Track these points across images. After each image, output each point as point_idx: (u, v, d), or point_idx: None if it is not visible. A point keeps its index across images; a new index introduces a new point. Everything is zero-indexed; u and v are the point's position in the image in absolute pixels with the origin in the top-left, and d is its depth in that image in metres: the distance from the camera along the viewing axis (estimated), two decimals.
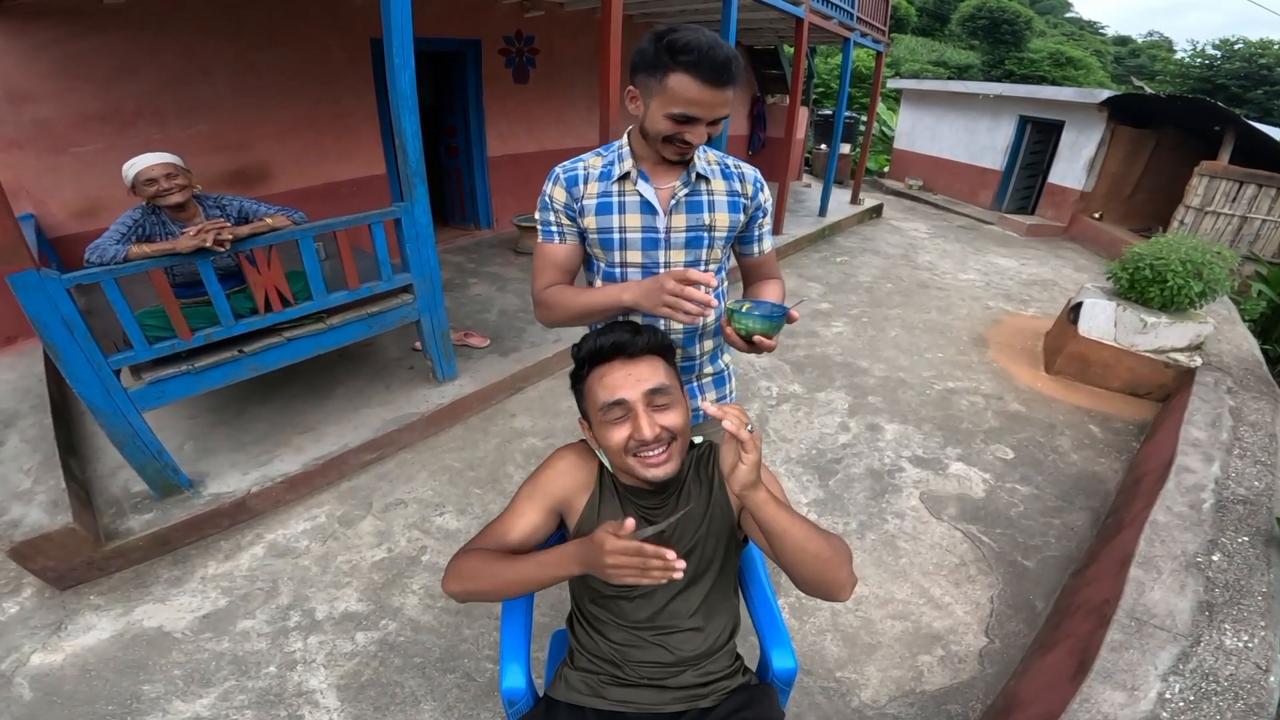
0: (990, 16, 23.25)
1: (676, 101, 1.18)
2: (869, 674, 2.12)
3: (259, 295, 2.61)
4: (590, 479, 1.27)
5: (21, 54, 3.50)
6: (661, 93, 1.19)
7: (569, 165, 1.40)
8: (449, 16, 5.35)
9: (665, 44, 1.15)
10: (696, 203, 1.37)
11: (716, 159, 1.42)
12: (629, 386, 1.12)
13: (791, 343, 4.62)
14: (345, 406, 3.28)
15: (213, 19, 4.11)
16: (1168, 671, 1.67)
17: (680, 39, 1.14)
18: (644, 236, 1.37)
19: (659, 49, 1.16)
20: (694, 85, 1.16)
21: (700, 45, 1.12)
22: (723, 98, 1.19)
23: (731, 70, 1.16)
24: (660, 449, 1.13)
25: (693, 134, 1.23)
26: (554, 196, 1.38)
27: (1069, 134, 9.24)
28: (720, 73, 1.15)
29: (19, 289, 1.95)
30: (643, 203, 1.35)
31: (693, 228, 1.37)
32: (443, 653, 2.13)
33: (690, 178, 1.35)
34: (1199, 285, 3.85)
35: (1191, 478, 2.60)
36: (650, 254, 1.38)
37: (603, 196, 1.36)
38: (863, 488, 3.05)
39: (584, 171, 1.38)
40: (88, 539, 2.31)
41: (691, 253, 1.40)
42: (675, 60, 1.15)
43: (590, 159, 1.40)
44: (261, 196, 4.48)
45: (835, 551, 1.07)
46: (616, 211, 1.36)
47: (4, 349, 3.68)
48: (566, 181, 1.37)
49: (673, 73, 1.16)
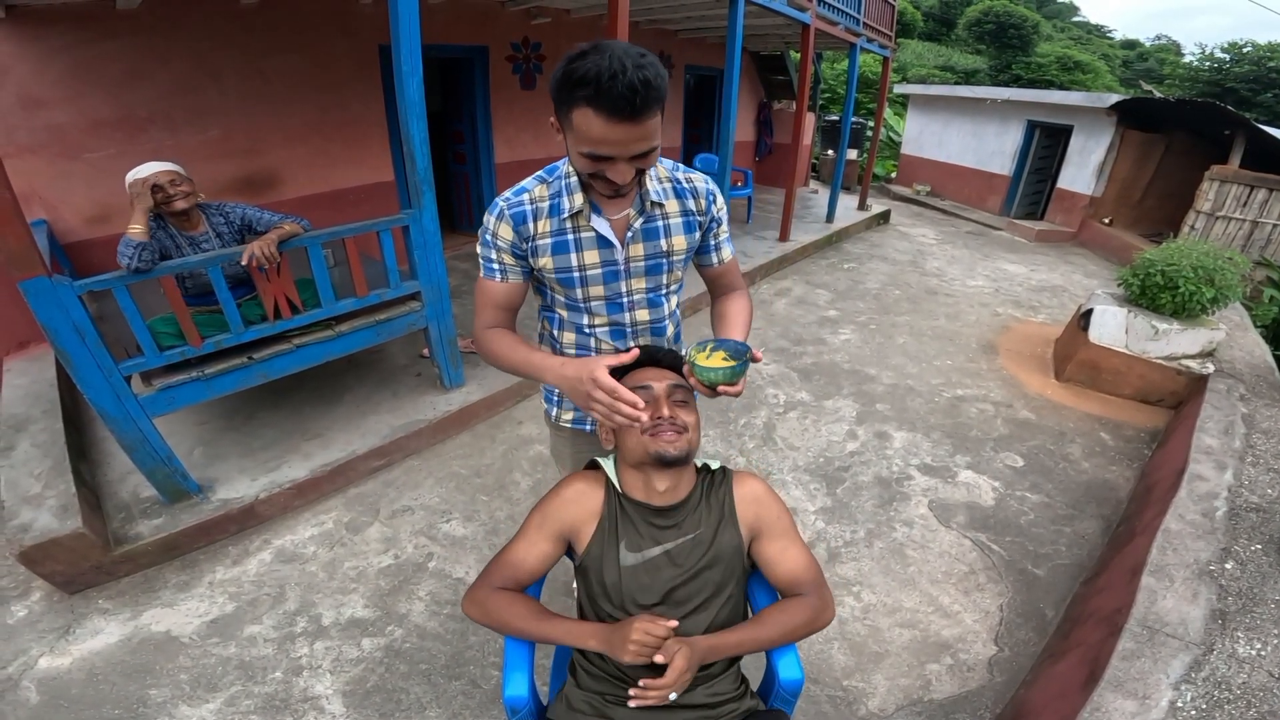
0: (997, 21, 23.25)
1: (584, 140, 1.06)
2: (876, 682, 2.10)
3: (268, 303, 2.63)
4: (598, 506, 1.29)
5: (35, 60, 3.52)
6: (571, 129, 1.07)
7: (512, 199, 1.29)
8: (456, 23, 5.38)
9: (564, 73, 1.02)
10: (653, 229, 1.32)
11: (668, 175, 1.34)
12: (655, 379, 1.25)
13: (799, 350, 4.61)
14: (353, 413, 3.29)
15: (223, 25, 4.14)
16: (1179, 680, 1.66)
17: (579, 68, 0.99)
18: (604, 270, 1.33)
19: (560, 79, 1.03)
20: (598, 121, 1.02)
21: (600, 74, 0.97)
22: (636, 132, 1.05)
23: (636, 102, 0.99)
24: (674, 431, 1.21)
25: (614, 172, 1.10)
26: (498, 234, 1.29)
27: (1078, 138, 9.20)
28: (624, 105, 0.99)
29: (31, 295, 1.97)
30: (599, 238, 1.29)
31: (651, 255, 1.34)
32: (448, 659, 2.13)
33: (645, 205, 1.29)
34: (1211, 291, 3.82)
35: (1204, 485, 2.58)
36: (612, 286, 1.35)
37: (556, 235, 1.29)
38: (870, 496, 3.03)
39: (531, 207, 1.28)
40: (97, 544, 2.32)
41: (652, 279, 1.38)
42: (574, 94, 1.02)
43: (534, 188, 1.29)
44: (271, 203, 4.53)
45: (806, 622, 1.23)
46: (574, 250, 1.30)
47: (16, 354, 3.71)
48: (514, 219, 1.28)
49: (575, 108, 1.03)
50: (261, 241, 2.50)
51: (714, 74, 8.96)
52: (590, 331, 1.42)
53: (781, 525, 1.31)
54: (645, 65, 1.00)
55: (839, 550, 2.68)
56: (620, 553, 1.24)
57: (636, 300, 1.39)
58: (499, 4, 5.64)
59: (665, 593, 1.23)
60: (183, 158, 3.93)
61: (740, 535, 1.28)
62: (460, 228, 6.80)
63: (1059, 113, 9.42)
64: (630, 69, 0.98)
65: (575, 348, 1.46)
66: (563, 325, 1.45)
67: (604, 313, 1.39)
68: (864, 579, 2.53)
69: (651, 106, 1.03)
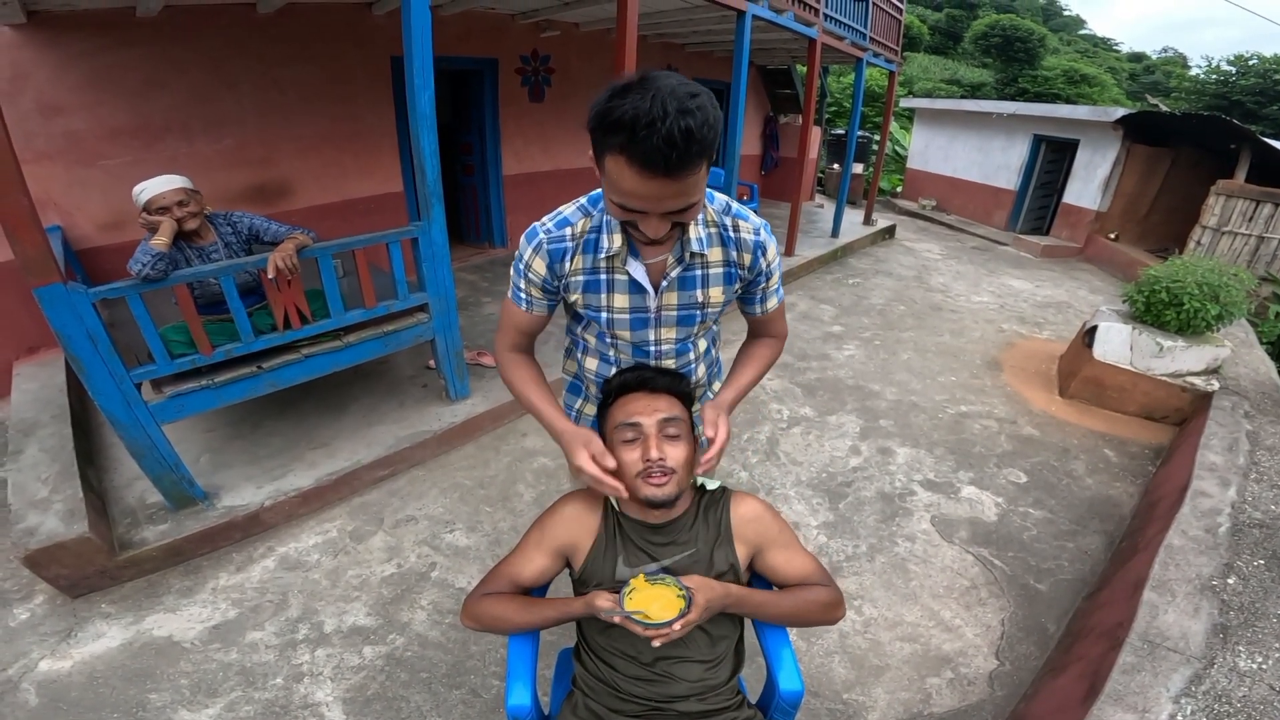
0: (1003, 34, 23.32)
1: (614, 189, 0.98)
2: (876, 696, 2.10)
3: (278, 313, 2.66)
4: (595, 524, 1.30)
5: (54, 66, 3.57)
6: (604, 173, 0.99)
7: (554, 232, 1.22)
8: (467, 36, 5.45)
9: (600, 111, 0.92)
10: (690, 278, 1.25)
11: (716, 219, 1.23)
12: (645, 413, 1.20)
13: (803, 365, 4.62)
14: (359, 423, 3.31)
15: (240, 34, 4.18)
16: (1180, 693, 1.66)
17: (616, 109, 0.88)
18: (633, 317, 1.28)
19: (596, 118, 0.93)
20: (629, 173, 0.92)
21: (638, 120, 0.86)
22: (672, 188, 0.94)
23: (673, 158, 0.89)
24: (663, 475, 1.19)
25: (646, 225, 1.03)
26: (532, 266, 1.24)
27: (1084, 153, 9.20)
28: (658, 160, 0.89)
29: (45, 302, 2.00)
30: (631, 283, 1.24)
31: (684, 305, 1.28)
32: (449, 668, 2.14)
33: (685, 255, 1.21)
34: (1216, 308, 3.82)
35: (1207, 502, 2.57)
36: (640, 333, 1.31)
37: (589, 274, 1.24)
38: (873, 511, 3.03)
39: (571, 244, 1.22)
40: (102, 548, 2.34)
41: (683, 330, 1.33)
42: (607, 139, 0.92)
43: (578, 221, 1.22)
44: (282, 212, 4.58)
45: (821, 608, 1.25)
46: (605, 290, 1.25)
47: (26, 358, 3.75)
48: (550, 254, 1.22)
49: (608, 154, 0.94)
50: (281, 253, 2.54)
51: (721, 87, 9.00)
52: (616, 360, 1.41)
53: (784, 538, 1.32)
54: (692, 110, 0.88)
55: (840, 564, 2.68)
56: (617, 568, 1.26)
57: (664, 351, 1.36)
58: (509, 17, 5.71)
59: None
60: (197, 166, 4.01)
61: (737, 554, 1.28)
62: (468, 239, 6.85)
63: (1065, 127, 9.44)
64: (672, 115, 0.86)
65: (597, 380, 1.46)
66: (588, 350, 1.45)
67: (630, 354, 1.37)
68: (865, 593, 2.53)
69: (693, 162, 0.92)
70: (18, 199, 1.87)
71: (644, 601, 1.13)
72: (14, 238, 1.89)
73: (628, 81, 0.91)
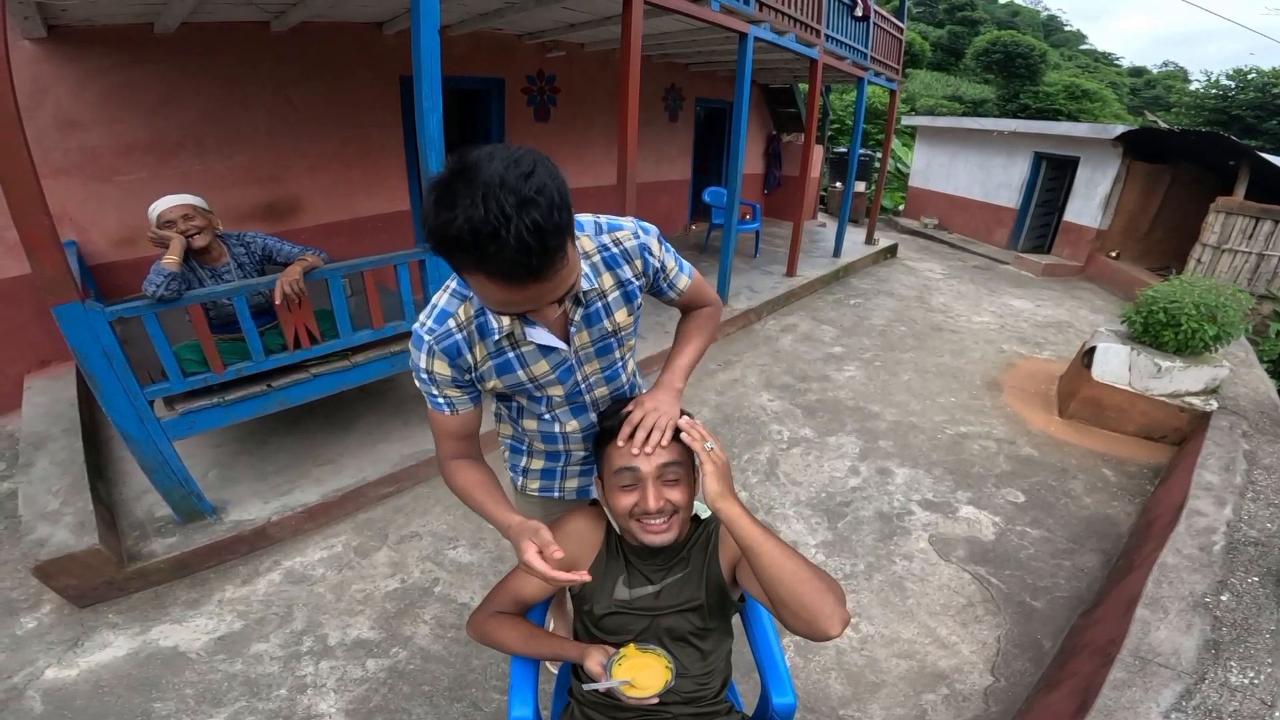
0: (1005, 51, 23.42)
1: (487, 300, 0.93)
2: (872, 712, 2.12)
3: (289, 333, 2.71)
4: (597, 542, 1.34)
5: (73, 81, 3.63)
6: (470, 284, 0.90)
7: (438, 330, 1.12)
8: (474, 56, 5.54)
9: (431, 234, 0.81)
10: (594, 313, 1.20)
11: (594, 246, 1.17)
12: (644, 459, 1.17)
13: (803, 386, 4.66)
14: (365, 440, 3.36)
15: (255, 51, 4.26)
16: (1170, 709, 1.68)
17: (448, 226, 0.78)
18: (558, 373, 1.23)
19: (432, 237, 0.82)
20: (494, 287, 0.86)
21: (479, 235, 0.77)
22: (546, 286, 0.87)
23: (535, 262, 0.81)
24: (663, 520, 1.20)
25: (537, 315, 0.98)
26: (434, 371, 1.15)
27: (1084, 170, 9.23)
28: (520, 270, 0.81)
29: (63, 320, 2.04)
30: (541, 349, 1.18)
31: (599, 339, 1.24)
32: (451, 682, 2.17)
33: (579, 295, 1.14)
34: (1213, 329, 3.85)
35: (1203, 520, 2.60)
36: (569, 381, 1.27)
37: (496, 356, 1.17)
38: (871, 530, 3.06)
39: (461, 335, 1.13)
40: (111, 560, 2.38)
41: (605, 359, 1.29)
42: (453, 260, 0.84)
43: (458, 309, 1.12)
44: (292, 229, 4.64)
45: (816, 575, 1.03)
46: (519, 367, 1.19)
47: (38, 372, 3.80)
48: (446, 353, 1.13)
49: (463, 271, 0.87)
50: (287, 278, 2.59)
51: (724, 106, 9.12)
52: (553, 417, 1.36)
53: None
54: (532, 200, 0.77)
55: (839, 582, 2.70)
56: (616, 587, 1.29)
57: (593, 383, 1.32)
58: (516, 38, 5.82)
59: (653, 626, 1.28)
60: (210, 183, 4.08)
61: (721, 568, 1.29)
62: None
63: (1065, 144, 9.47)
64: (514, 217, 0.76)
65: (540, 436, 1.41)
66: (523, 413, 1.38)
67: (564, 401, 1.32)
68: (862, 610, 2.55)
69: (554, 256, 0.84)
70: (39, 218, 1.90)
71: (632, 670, 1.18)
72: (34, 256, 1.94)
73: (447, 180, 0.80)
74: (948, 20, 31.36)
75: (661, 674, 1.17)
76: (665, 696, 1.24)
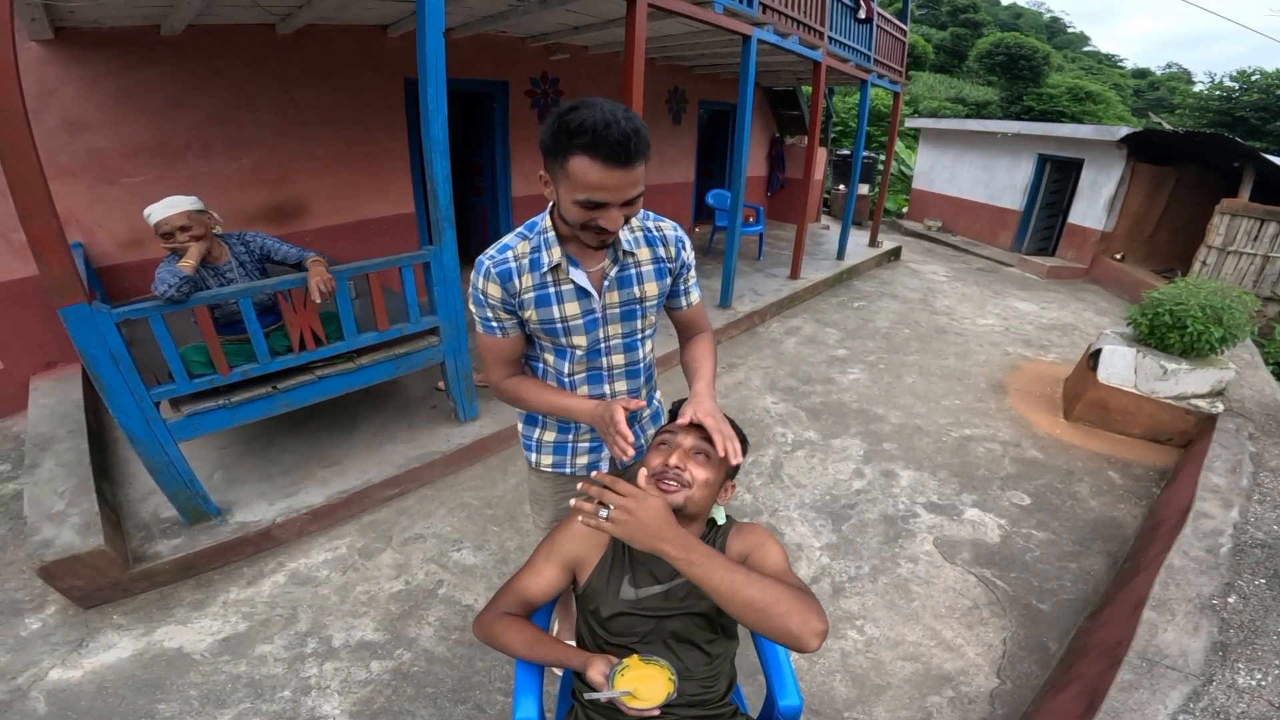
0: (1008, 53, 23.39)
1: (580, 186, 1.13)
2: (877, 714, 2.11)
3: (294, 335, 2.72)
4: (603, 541, 1.34)
5: (80, 84, 3.64)
6: (566, 178, 1.14)
7: (497, 257, 1.35)
8: (478, 59, 5.56)
9: (559, 125, 1.09)
10: (627, 277, 1.40)
11: (639, 224, 1.41)
12: (684, 434, 1.31)
13: (808, 389, 4.65)
14: (369, 442, 3.36)
15: (261, 54, 4.27)
16: (1178, 710, 1.68)
17: (575, 119, 1.07)
18: (585, 320, 1.40)
19: (556, 131, 1.10)
20: (594, 167, 1.09)
21: (596, 124, 1.05)
22: (629, 177, 1.12)
23: (631, 148, 1.08)
24: (675, 481, 1.24)
25: (606, 219, 1.17)
26: (489, 293, 1.35)
27: (1089, 172, 9.22)
28: (619, 151, 1.07)
29: (70, 322, 2.05)
30: (577, 290, 1.36)
31: (625, 302, 1.42)
32: (455, 684, 2.17)
33: (619, 255, 1.37)
34: (1219, 331, 3.83)
35: (1209, 523, 2.59)
36: (593, 334, 1.43)
37: (539, 289, 1.36)
38: (876, 533, 3.05)
39: (515, 264, 1.34)
40: (116, 561, 2.38)
41: (627, 325, 1.46)
42: (571, 142, 1.08)
43: (516, 245, 1.36)
44: (297, 232, 4.66)
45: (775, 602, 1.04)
46: (555, 303, 1.37)
47: (44, 374, 3.81)
48: (500, 276, 1.34)
49: (572, 156, 1.10)
50: (319, 277, 2.61)
51: (727, 109, 9.13)
52: (571, 382, 1.50)
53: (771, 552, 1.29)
54: (633, 117, 1.09)
55: (843, 585, 2.69)
56: (622, 588, 1.29)
57: (613, 345, 1.47)
58: (520, 40, 5.84)
59: (659, 628, 1.28)
60: (216, 185, 4.09)
61: None
62: None
63: (1069, 146, 9.46)
64: (622, 119, 1.06)
65: None
66: (545, 375, 1.53)
67: (584, 360, 1.46)
68: (867, 613, 2.54)
69: (643, 153, 1.12)
70: (47, 220, 1.92)
71: (635, 681, 1.17)
72: (41, 258, 1.95)
73: (572, 104, 1.09)
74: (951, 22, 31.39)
75: (664, 686, 1.17)
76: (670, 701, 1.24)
